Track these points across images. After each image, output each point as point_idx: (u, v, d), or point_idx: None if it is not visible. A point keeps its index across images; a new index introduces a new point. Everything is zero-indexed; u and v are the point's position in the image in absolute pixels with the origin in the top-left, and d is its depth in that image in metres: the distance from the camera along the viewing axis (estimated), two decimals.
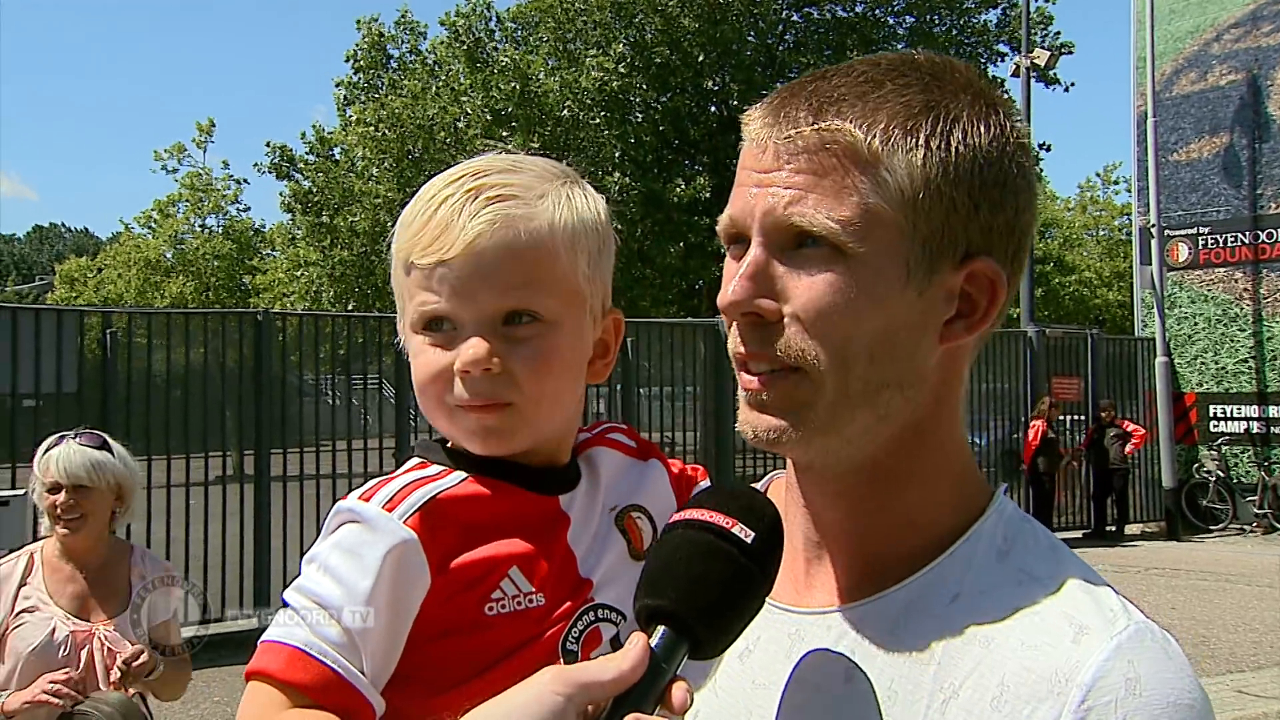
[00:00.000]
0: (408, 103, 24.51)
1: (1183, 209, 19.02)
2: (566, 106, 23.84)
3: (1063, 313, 37.60)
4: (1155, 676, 0.93)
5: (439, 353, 1.19)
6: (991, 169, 1.03)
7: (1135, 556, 15.32)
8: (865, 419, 1.05)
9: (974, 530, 1.08)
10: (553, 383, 1.21)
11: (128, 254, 33.94)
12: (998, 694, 0.96)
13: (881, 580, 1.08)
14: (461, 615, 1.13)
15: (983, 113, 1.05)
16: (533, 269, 1.18)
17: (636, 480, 1.32)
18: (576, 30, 25.54)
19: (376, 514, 1.13)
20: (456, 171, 1.22)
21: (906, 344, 1.04)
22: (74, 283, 36.66)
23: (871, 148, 1.01)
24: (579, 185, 1.28)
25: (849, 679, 1.04)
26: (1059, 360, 17.56)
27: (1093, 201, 46.68)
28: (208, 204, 34.37)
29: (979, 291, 1.05)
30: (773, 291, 1.04)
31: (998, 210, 1.04)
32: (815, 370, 1.03)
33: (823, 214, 1.01)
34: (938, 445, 1.10)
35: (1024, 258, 1.09)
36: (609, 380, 13.28)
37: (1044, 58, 21.71)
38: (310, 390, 12.58)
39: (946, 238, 1.03)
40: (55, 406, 10.45)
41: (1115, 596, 1.02)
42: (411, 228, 1.20)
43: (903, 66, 1.07)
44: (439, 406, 1.21)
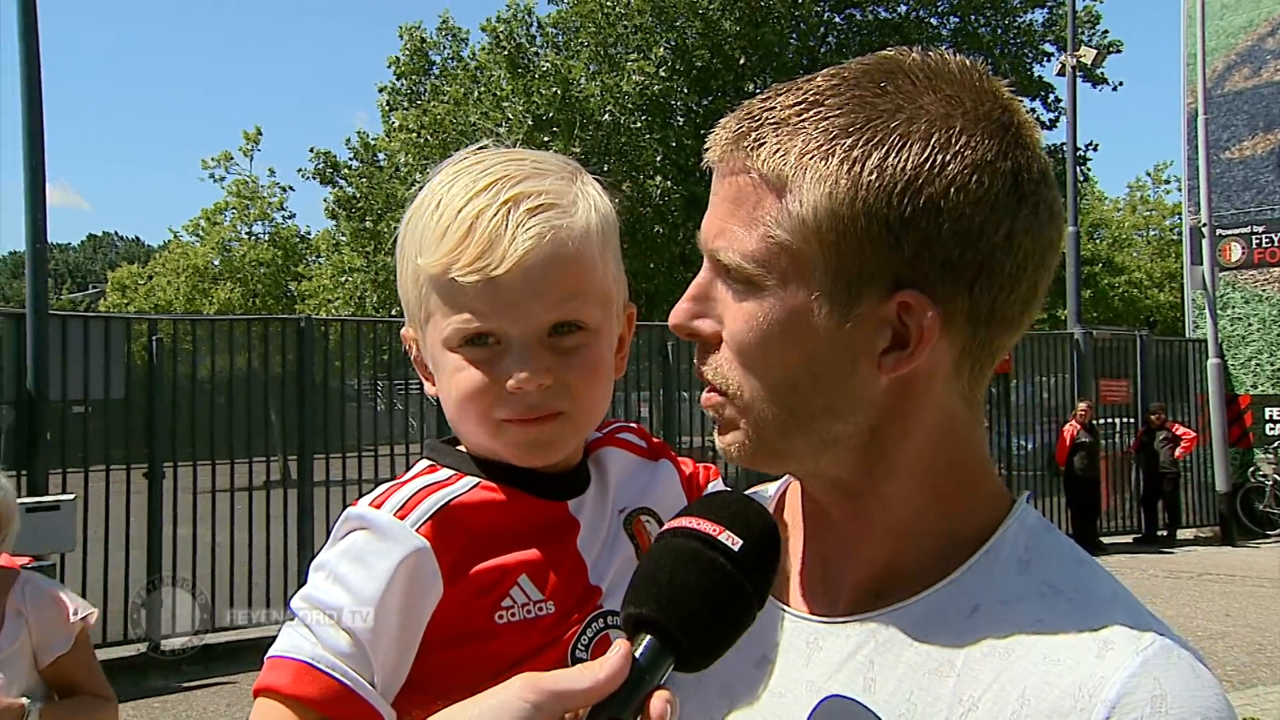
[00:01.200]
0: (450, 108, 24.70)
1: (1235, 208, 18.67)
2: (608, 111, 23.85)
3: (1112, 314, 37.06)
4: (1182, 694, 0.91)
5: (481, 369, 1.16)
6: (918, 196, 0.95)
7: (1188, 562, 15.02)
8: (804, 443, 1.04)
9: (994, 541, 1.05)
10: (601, 388, 1.21)
11: (176, 261, 34.48)
12: (1018, 708, 0.93)
13: (900, 590, 1.05)
14: (472, 623, 1.12)
15: (925, 131, 0.96)
16: (578, 279, 1.17)
17: (647, 482, 1.30)
18: (617, 35, 25.55)
19: (388, 522, 1.12)
20: (479, 178, 1.17)
21: (834, 374, 1.01)
22: (125, 290, 37.34)
23: (781, 175, 0.98)
24: (589, 180, 1.25)
25: (868, 689, 1.02)
26: (1107, 362, 17.31)
27: (1143, 201, 46.01)
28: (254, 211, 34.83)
29: (914, 323, 0.98)
30: (713, 314, 1.06)
31: (932, 241, 0.96)
32: (739, 396, 1.04)
33: (733, 246, 1.01)
34: (916, 466, 1.05)
35: (999, 281, 0.99)
36: (650, 384, 13.33)
37: (1090, 56, 21.35)
38: (353, 395, 12.67)
39: (864, 269, 0.97)
40: (104, 413, 10.63)
41: (1142, 612, 0.99)
42: (446, 242, 1.14)
43: (859, 79, 1.01)
44: (483, 423, 1.18)
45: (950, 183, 0.95)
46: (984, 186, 0.96)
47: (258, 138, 35.01)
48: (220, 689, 9.10)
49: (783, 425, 1.03)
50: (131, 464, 10.46)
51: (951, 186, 0.95)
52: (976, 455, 1.10)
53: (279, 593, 10.58)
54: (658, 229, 23.58)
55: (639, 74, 23.93)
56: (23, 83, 9.20)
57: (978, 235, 0.96)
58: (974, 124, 0.98)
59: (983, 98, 1.00)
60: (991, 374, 1.09)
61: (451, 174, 1.20)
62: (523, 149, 1.26)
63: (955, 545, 1.05)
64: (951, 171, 0.96)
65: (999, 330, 1.02)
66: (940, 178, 0.95)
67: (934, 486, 1.06)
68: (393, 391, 13.02)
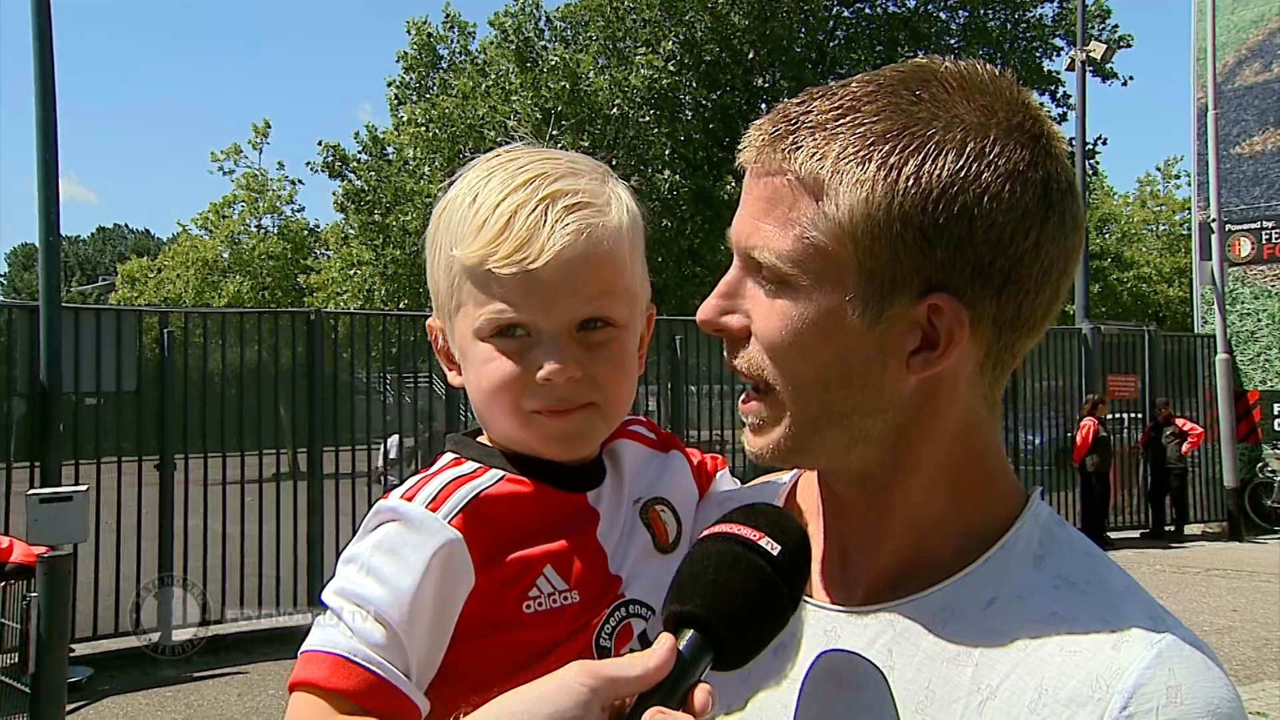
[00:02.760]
0: (458, 102, 24.70)
1: (1245, 203, 18.60)
2: (616, 105, 23.84)
3: (1120, 309, 36.93)
4: (1196, 685, 0.94)
5: (511, 360, 1.19)
6: (952, 204, 0.98)
7: (1195, 557, 15.00)
8: (837, 438, 1.06)
9: (1009, 536, 1.08)
10: (628, 383, 1.24)
11: (186, 254, 34.51)
12: (1036, 697, 0.96)
13: (915, 582, 1.08)
14: (501, 613, 1.14)
15: (960, 140, 0.99)
16: (610, 277, 1.20)
17: (659, 472, 1.33)
18: (626, 28, 25.53)
19: (421, 514, 1.14)
20: (516, 173, 1.20)
21: (865, 374, 1.03)
22: (134, 283, 37.36)
23: (818, 179, 1.00)
24: (617, 180, 1.28)
25: (887, 677, 1.05)
26: (1115, 358, 17.26)
27: (1152, 196, 45.82)
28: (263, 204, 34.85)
29: (944, 326, 1.02)
30: (742, 310, 1.08)
31: (965, 246, 0.99)
32: (775, 390, 1.06)
33: (769, 245, 1.03)
34: (940, 462, 1.08)
35: (1026, 286, 1.02)
36: (658, 378, 13.34)
37: (1100, 51, 21.27)
38: (362, 388, 12.71)
39: (898, 273, 1.00)
40: (115, 405, 10.66)
41: (1155, 604, 1.02)
42: (484, 234, 1.17)
43: (895, 86, 1.03)
44: (513, 413, 1.20)
45: (984, 191, 0.98)
46: (1016, 195, 0.99)
47: (267, 131, 34.99)
48: (231, 679, 9.16)
49: (816, 422, 1.06)
50: (143, 456, 10.46)
51: (985, 195, 0.98)
52: (994, 453, 1.13)
53: (288, 584, 10.64)
54: (665, 223, 23.57)
55: (647, 68, 23.91)
56: (36, 77, 9.22)
57: (1008, 242, 0.99)
58: (1007, 134, 1.00)
59: (1015, 109, 1.03)
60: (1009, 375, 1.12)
61: (487, 170, 1.23)
62: (555, 149, 1.29)
63: (972, 539, 1.08)
64: (986, 180, 0.98)
65: (1021, 334, 1.06)
66: (975, 186, 0.98)
67: (955, 483, 1.09)
68: (401, 384, 13.06)
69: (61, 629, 5.91)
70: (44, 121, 9.23)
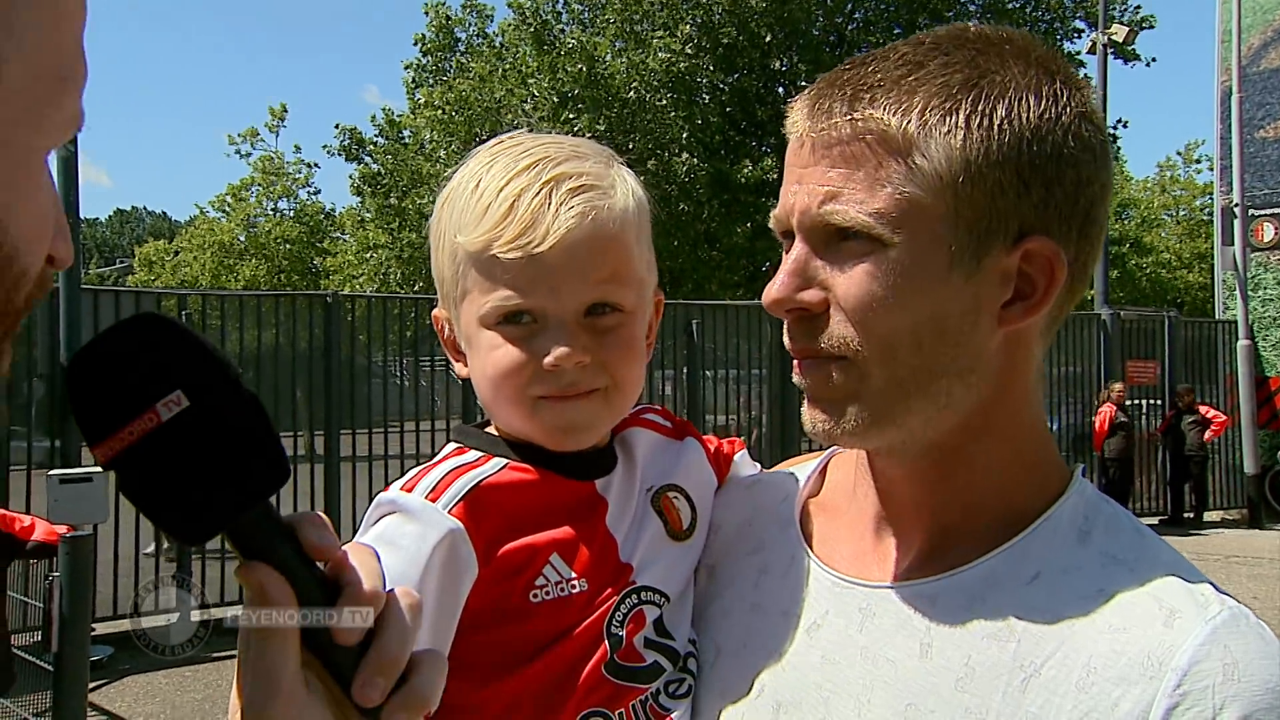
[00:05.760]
0: (475, 85, 24.64)
1: (1269, 187, 18.40)
2: (633, 88, 23.74)
3: (1140, 295, 36.70)
4: (1253, 663, 0.91)
5: (518, 346, 1.17)
6: (1043, 143, 0.99)
7: (1215, 544, 14.92)
8: (923, 409, 1.04)
9: (1054, 510, 1.06)
10: (636, 369, 1.21)
11: (202, 237, 34.64)
12: (1084, 675, 0.94)
13: (954, 557, 1.06)
14: (506, 603, 1.12)
15: (1034, 84, 1.00)
16: (616, 261, 1.17)
17: (673, 460, 1.31)
18: (643, 11, 25.40)
19: (421, 505, 1.12)
20: (519, 158, 1.18)
21: (958, 330, 1.02)
22: (152, 265, 37.55)
23: (906, 134, 0.99)
24: (622, 165, 1.26)
25: (924, 654, 1.03)
26: (1135, 343, 17.16)
27: (1173, 181, 45.49)
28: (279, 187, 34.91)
29: (1037, 271, 1.01)
30: (816, 284, 1.04)
31: (1053, 186, 0.99)
32: (861, 359, 1.02)
33: (856, 208, 1.00)
34: (1007, 428, 1.07)
35: (1095, 231, 1.04)
36: (674, 363, 13.32)
37: (1122, 33, 21.06)
38: (379, 371, 12.73)
39: (994, 219, 0.99)
40: None
41: (1205, 581, 1.00)
42: (488, 220, 1.15)
43: (948, 43, 1.04)
44: (518, 400, 1.18)
45: (1066, 130, 1.00)
46: (1089, 135, 1.02)
47: (284, 114, 35.07)
48: None
49: (905, 387, 1.03)
50: None
51: (1069, 133, 1.00)
52: (1044, 423, 1.12)
53: None
54: (683, 206, 23.50)
55: (665, 51, 23.79)
56: None
57: (1087, 183, 1.01)
58: (1065, 81, 1.02)
59: (1056, 61, 1.05)
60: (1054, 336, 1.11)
61: (489, 156, 1.21)
62: (558, 134, 1.27)
63: (1017, 513, 1.06)
64: (1066, 120, 1.00)
65: (1082, 283, 1.06)
66: (1059, 125, 0.99)
67: (1015, 451, 1.08)
68: (418, 367, 13.08)
69: (83, 608, 5.94)
70: None
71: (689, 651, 1.21)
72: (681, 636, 1.21)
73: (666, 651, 1.18)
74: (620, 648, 1.15)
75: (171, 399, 0.70)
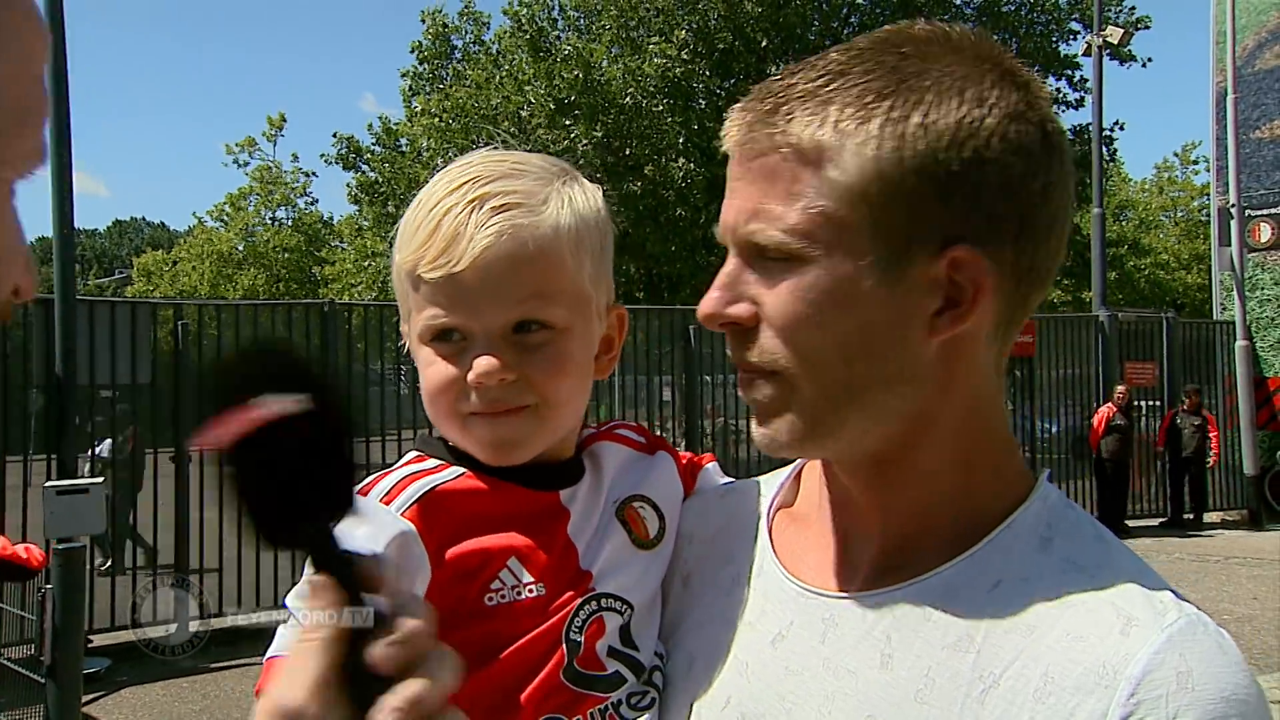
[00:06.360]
0: (472, 93, 24.66)
1: (1265, 188, 18.41)
2: (629, 94, 23.75)
3: (1138, 296, 36.71)
4: (1208, 670, 0.90)
5: (449, 363, 1.19)
6: (962, 149, 0.96)
7: (1215, 546, 14.90)
8: (857, 420, 1.03)
9: (1015, 517, 1.04)
10: (567, 386, 1.21)
11: (201, 247, 34.64)
12: (1041, 685, 0.93)
13: (916, 565, 1.05)
14: (461, 605, 1.13)
15: (958, 87, 0.97)
16: (541, 278, 1.17)
17: (643, 473, 1.31)
18: (639, 17, 25.43)
19: (374, 508, 1.13)
20: (457, 177, 1.20)
21: (886, 342, 1.00)
22: (150, 276, 37.56)
23: (820, 145, 0.98)
24: (577, 182, 1.26)
25: (885, 665, 1.02)
26: (1133, 345, 17.16)
27: (1170, 182, 45.52)
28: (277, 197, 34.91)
29: (966, 280, 0.98)
30: (747, 299, 1.04)
31: (978, 192, 0.96)
32: (791, 374, 1.02)
33: (773, 225, 1.00)
34: (953, 435, 1.05)
35: (1039, 232, 1.00)
36: (673, 368, 13.32)
37: (1117, 35, 21.06)
38: (376, 379, 12.72)
39: (914, 229, 0.97)
40: (131, 397, 10.71)
41: (1166, 588, 0.98)
42: (417, 238, 1.17)
43: (878, 47, 1.02)
44: (451, 416, 1.20)
45: (991, 133, 0.96)
46: (1021, 136, 0.98)
47: (281, 123, 35.08)
48: (247, 670, 9.18)
49: (837, 401, 1.02)
50: (159, 448, 10.53)
51: (993, 137, 0.96)
52: (1003, 430, 1.10)
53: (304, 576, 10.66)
54: (680, 212, 23.50)
55: (661, 57, 23.80)
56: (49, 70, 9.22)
57: (1019, 186, 0.97)
58: (1001, 79, 0.99)
59: (997, 57, 1.01)
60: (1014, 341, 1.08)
61: (442, 174, 1.23)
62: (516, 152, 1.27)
63: (977, 521, 1.04)
64: (990, 123, 0.97)
65: (1035, 285, 1.03)
66: (982, 129, 0.96)
67: (965, 460, 1.06)
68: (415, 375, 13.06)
69: (77, 620, 5.93)
70: (57, 114, 9.25)
71: (654, 665, 1.21)
72: (647, 649, 1.21)
73: (630, 662, 1.19)
74: (579, 653, 1.16)
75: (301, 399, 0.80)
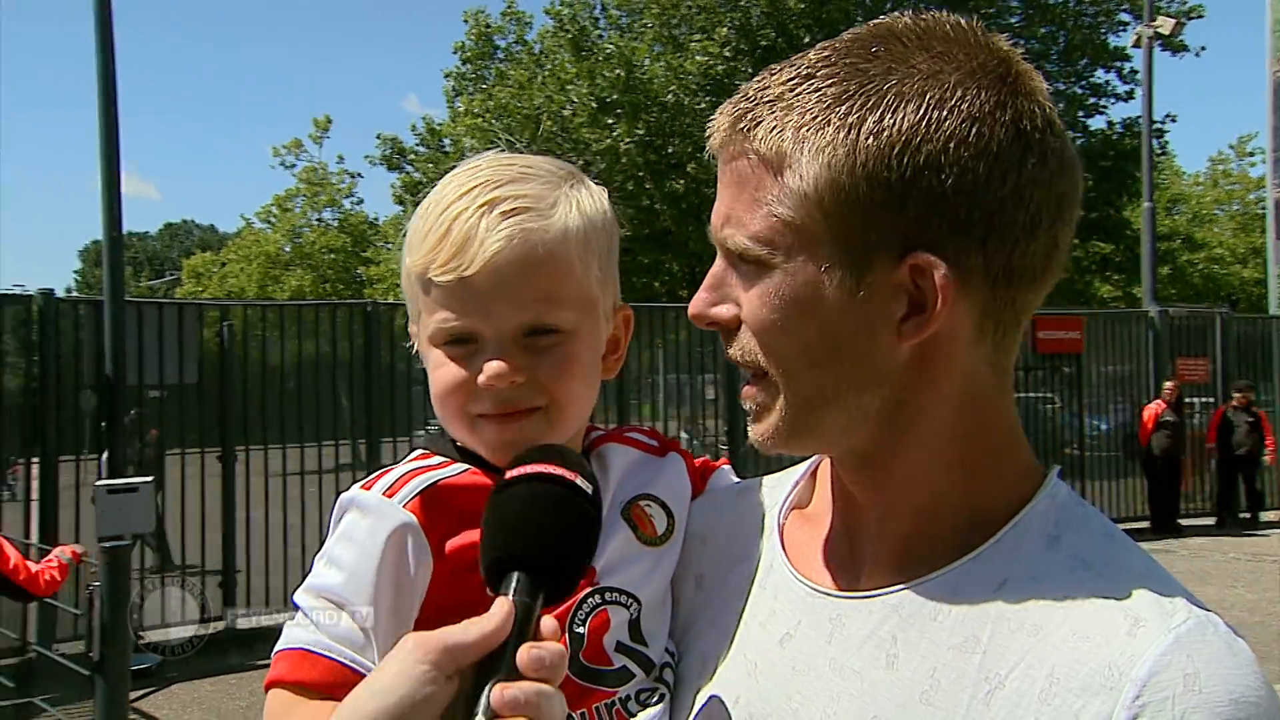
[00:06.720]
0: (514, 92, 24.74)
1: None
2: (671, 92, 23.71)
3: (1192, 291, 36.00)
4: (1216, 672, 0.88)
5: (459, 366, 1.20)
6: (917, 154, 0.94)
7: (1271, 545, 14.57)
8: (835, 421, 1.04)
9: (1023, 515, 1.03)
10: (576, 387, 1.23)
11: (248, 248, 35.07)
12: (1046, 686, 0.92)
13: (923, 565, 1.04)
14: (465, 597, 1.12)
15: (919, 89, 0.96)
16: (551, 282, 1.19)
17: (652, 474, 1.32)
18: (681, 15, 25.37)
19: (377, 500, 1.18)
20: (466, 180, 1.22)
21: (853, 347, 1.00)
22: (199, 277, 38.10)
23: (780, 152, 0.98)
24: (584, 184, 1.27)
25: (890, 665, 1.01)
26: (1185, 341, 16.85)
27: (1225, 175, 44.60)
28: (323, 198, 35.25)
29: (930, 285, 0.97)
30: (730, 300, 1.06)
31: (936, 197, 0.95)
32: (772, 376, 1.04)
33: (741, 232, 1.02)
34: (938, 436, 1.04)
35: (1012, 234, 0.97)
36: (715, 366, 13.23)
37: (1169, 25, 20.64)
38: (420, 379, 12.76)
39: (872, 236, 0.97)
40: (178, 398, 10.84)
41: (1177, 588, 0.97)
42: (427, 242, 1.19)
43: (848, 48, 1.01)
44: (460, 417, 1.22)
45: (949, 137, 0.94)
46: (984, 138, 0.95)
47: (327, 125, 35.42)
48: None
49: (811, 402, 1.03)
50: (205, 448, 10.66)
51: (950, 141, 0.94)
52: (1005, 425, 1.08)
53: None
54: None
55: (703, 54, 23.74)
56: (99, 74, 9.36)
57: (984, 189, 0.95)
58: (968, 77, 0.97)
59: (975, 51, 0.99)
60: (1020, 338, 1.06)
61: (449, 177, 1.25)
62: (524, 154, 1.29)
63: (983, 519, 1.04)
64: (949, 126, 0.95)
65: (1021, 288, 1.00)
66: (939, 133, 0.94)
67: (960, 458, 1.05)
68: None
69: (123, 617, 6.00)
70: (106, 118, 9.38)
71: (665, 662, 1.22)
72: (657, 646, 1.22)
73: (639, 658, 1.21)
74: (584, 647, 1.18)
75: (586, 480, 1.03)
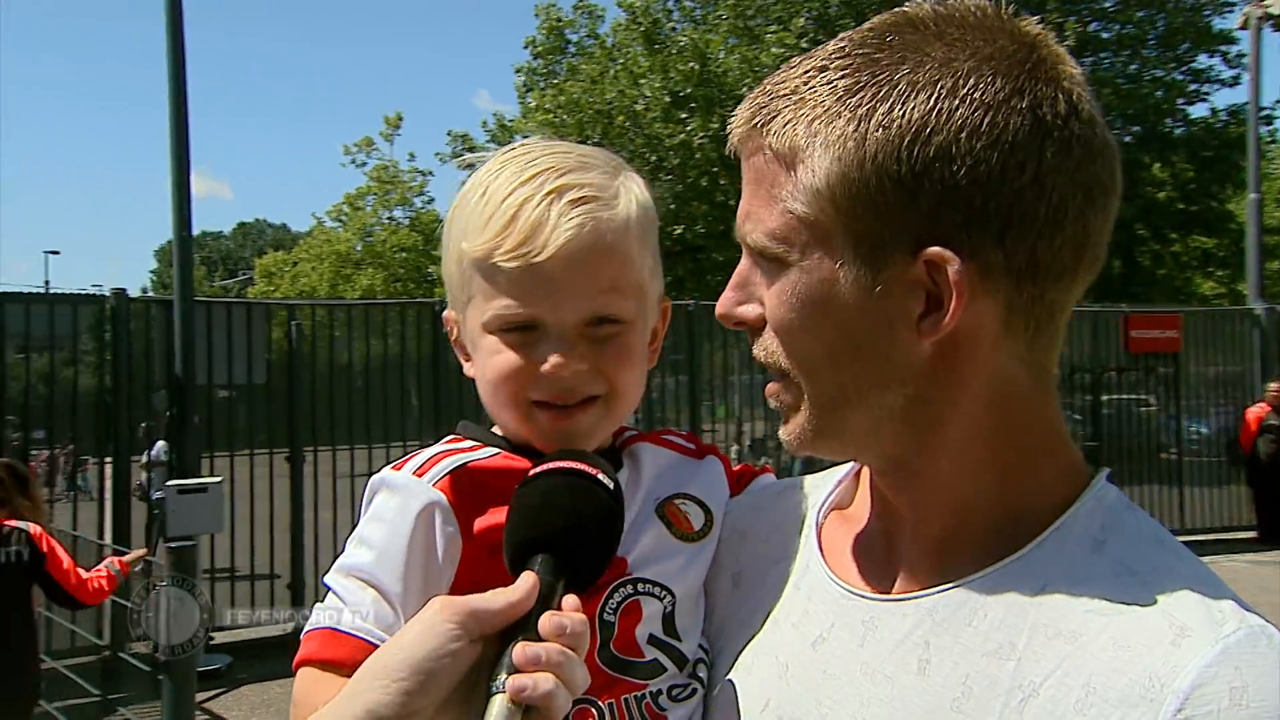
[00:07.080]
0: (586, 87, 24.59)
1: None
2: (746, 85, 23.32)
3: None
4: (1266, 685, 0.84)
5: (518, 352, 1.20)
6: (928, 146, 0.93)
7: None
8: (860, 420, 1.03)
9: (1067, 517, 1.00)
10: (633, 376, 1.24)
11: (320, 248, 35.37)
12: (1083, 696, 0.89)
13: (957, 568, 1.02)
14: (494, 580, 1.09)
15: (932, 79, 0.94)
16: (616, 272, 1.21)
17: (688, 475, 1.32)
18: (757, 6, 25.03)
19: (406, 479, 1.20)
20: (525, 168, 1.22)
21: (872, 345, 0.99)
22: (271, 276, 38.59)
23: (793, 147, 0.98)
24: (632, 174, 1.28)
25: (922, 671, 0.99)
26: None
27: None
28: (394, 196, 35.37)
29: (946, 281, 0.95)
30: (755, 298, 1.06)
31: (949, 190, 0.93)
32: (792, 375, 1.04)
33: (759, 229, 1.02)
34: (967, 435, 1.01)
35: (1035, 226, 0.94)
36: None
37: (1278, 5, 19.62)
38: None
39: (885, 231, 0.96)
40: (247, 397, 10.86)
41: (1228, 597, 0.93)
42: (489, 228, 1.19)
43: (863, 38, 1.00)
44: (515, 405, 1.22)
45: (961, 127, 0.92)
46: (999, 127, 0.93)
47: (398, 123, 35.50)
48: None
49: (834, 401, 1.02)
50: (274, 448, 10.68)
51: (962, 131, 0.93)
52: (1044, 424, 1.04)
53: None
54: None
55: (779, 46, 23.28)
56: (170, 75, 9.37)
57: (999, 180, 0.93)
58: (983, 63, 0.94)
59: (994, 36, 0.96)
60: (1062, 334, 1.01)
61: (499, 163, 1.25)
62: (569, 143, 1.29)
63: (1021, 522, 1.01)
64: (961, 115, 0.93)
65: (1050, 282, 0.97)
66: (950, 123, 0.93)
67: (992, 458, 1.02)
68: None
69: None
70: (176, 119, 9.37)
71: (699, 658, 1.22)
72: (691, 641, 1.22)
73: (671, 652, 1.20)
74: (613, 636, 1.17)
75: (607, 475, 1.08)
